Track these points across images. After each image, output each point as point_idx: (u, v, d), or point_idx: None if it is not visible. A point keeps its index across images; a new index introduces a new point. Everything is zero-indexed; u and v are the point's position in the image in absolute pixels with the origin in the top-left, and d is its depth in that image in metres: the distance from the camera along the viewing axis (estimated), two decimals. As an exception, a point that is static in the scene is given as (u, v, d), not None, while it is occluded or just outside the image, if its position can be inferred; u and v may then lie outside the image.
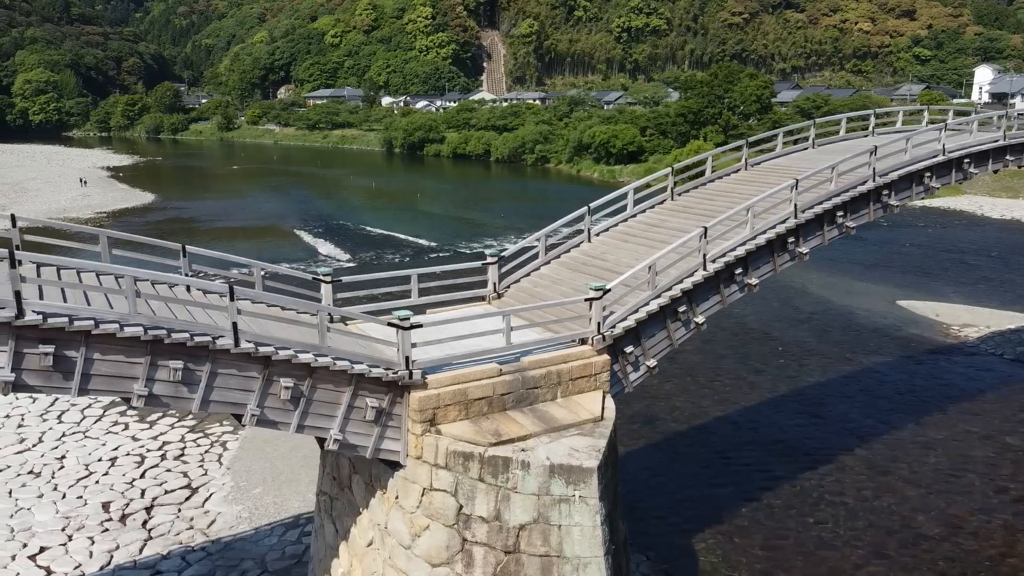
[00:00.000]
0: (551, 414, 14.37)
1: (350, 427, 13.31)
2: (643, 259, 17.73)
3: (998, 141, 22.87)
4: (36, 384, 10.88)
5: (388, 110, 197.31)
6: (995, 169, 23.29)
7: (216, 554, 21.30)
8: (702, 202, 20.14)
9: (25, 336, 10.63)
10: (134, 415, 30.73)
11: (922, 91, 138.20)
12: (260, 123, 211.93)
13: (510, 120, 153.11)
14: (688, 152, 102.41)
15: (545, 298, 17.82)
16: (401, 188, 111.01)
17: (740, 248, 16.97)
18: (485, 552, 13.21)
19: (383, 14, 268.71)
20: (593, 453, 13.14)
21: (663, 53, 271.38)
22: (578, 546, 12.97)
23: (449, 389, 13.76)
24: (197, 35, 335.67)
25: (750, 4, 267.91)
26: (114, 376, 11.37)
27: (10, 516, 23.24)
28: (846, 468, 26.28)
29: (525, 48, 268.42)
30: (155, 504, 24.05)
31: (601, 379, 15.32)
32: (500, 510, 13.09)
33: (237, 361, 12.15)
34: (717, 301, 17.16)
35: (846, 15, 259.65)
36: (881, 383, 33.85)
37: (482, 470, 13.09)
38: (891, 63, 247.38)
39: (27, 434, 28.92)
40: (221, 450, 27.82)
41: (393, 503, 14.28)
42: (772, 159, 22.58)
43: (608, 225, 20.19)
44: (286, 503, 23.81)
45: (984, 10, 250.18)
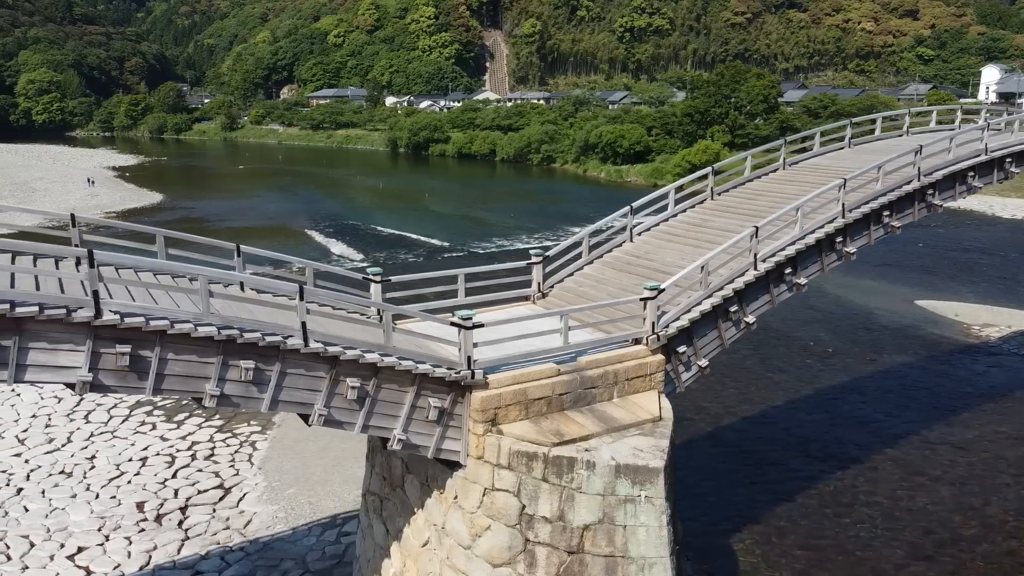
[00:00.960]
0: (609, 414, 14.35)
1: (412, 427, 13.29)
2: (689, 259, 17.75)
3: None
4: (112, 384, 10.87)
5: (392, 110, 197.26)
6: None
7: (255, 554, 21.28)
8: (743, 201, 20.13)
9: (102, 336, 10.61)
10: (161, 415, 30.74)
11: (929, 91, 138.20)
12: (264, 123, 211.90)
13: (515, 120, 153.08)
14: (697, 152, 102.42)
15: (591, 298, 17.81)
16: (408, 188, 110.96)
17: (790, 247, 16.97)
18: (548, 552, 13.20)
19: (386, 14, 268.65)
20: (658, 453, 13.13)
21: (666, 53, 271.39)
22: (644, 546, 12.95)
23: (510, 389, 13.74)
24: (199, 35, 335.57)
25: (753, 4, 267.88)
26: (187, 376, 11.36)
27: (45, 516, 23.23)
28: (878, 468, 26.26)
29: (528, 48, 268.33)
30: (189, 504, 24.04)
31: (656, 379, 15.31)
32: (564, 510, 13.07)
33: (305, 361, 12.14)
34: (767, 300, 17.15)
35: (849, 15, 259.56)
36: (906, 383, 33.83)
37: (546, 470, 13.07)
38: (894, 63, 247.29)
39: (56, 434, 28.90)
40: (251, 450, 27.80)
41: (451, 503, 14.26)
42: (810, 159, 22.57)
43: (649, 224, 20.16)
44: (321, 503, 23.79)
45: (987, 10, 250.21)
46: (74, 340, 10.48)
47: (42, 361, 10.37)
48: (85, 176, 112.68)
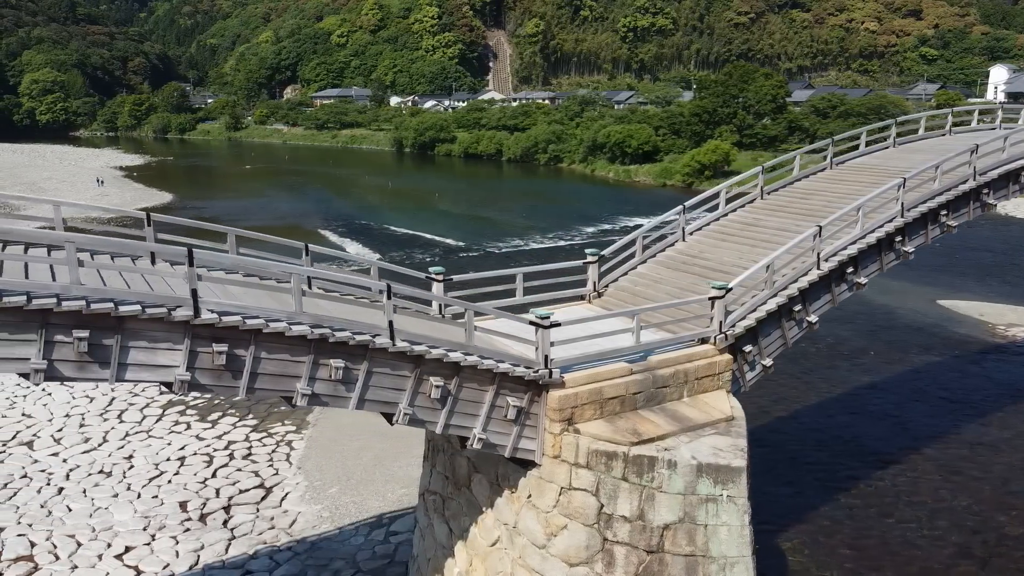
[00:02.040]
0: (682, 413, 14.35)
1: (491, 426, 13.30)
2: (747, 258, 17.76)
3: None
4: (208, 383, 10.87)
5: (397, 110, 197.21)
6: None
7: (303, 553, 21.27)
8: (795, 201, 20.13)
9: (199, 335, 10.60)
10: (194, 415, 30.74)
11: (938, 90, 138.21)
12: (268, 123, 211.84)
13: (521, 120, 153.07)
14: (706, 152, 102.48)
15: (648, 297, 17.81)
16: (417, 187, 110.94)
17: (852, 247, 16.97)
18: (627, 552, 13.19)
19: (389, 14, 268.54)
20: (738, 452, 13.13)
21: (669, 53, 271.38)
22: (725, 546, 12.95)
23: (586, 388, 13.75)
24: (201, 35, 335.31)
25: (756, 4, 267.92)
26: (279, 375, 11.36)
27: (89, 516, 23.22)
28: (916, 468, 26.25)
29: (531, 48, 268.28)
30: (232, 503, 24.03)
31: (724, 378, 15.32)
32: (644, 509, 13.07)
33: (391, 360, 12.14)
34: (828, 300, 17.17)
35: (852, 14, 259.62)
36: (936, 383, 33.84)
37: (626, 469, 13.07)
38: (897, 63, 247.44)
39: (91, 433, 28.90)
40: (288, 449, 27.80)
41: (524, 502, 14.25)
42: (855, 158, 22.57)
43: (701, 224, 20.15)
44: (365, 503, 23.78)
45: (990, 10, 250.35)
46: (172, 339, 10.48)
47: (141, 360, 10.36)
48: (94, 176, 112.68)
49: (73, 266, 9.77)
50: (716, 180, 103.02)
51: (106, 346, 10.06)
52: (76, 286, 9.77)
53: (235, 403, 31.83)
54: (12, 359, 9.62)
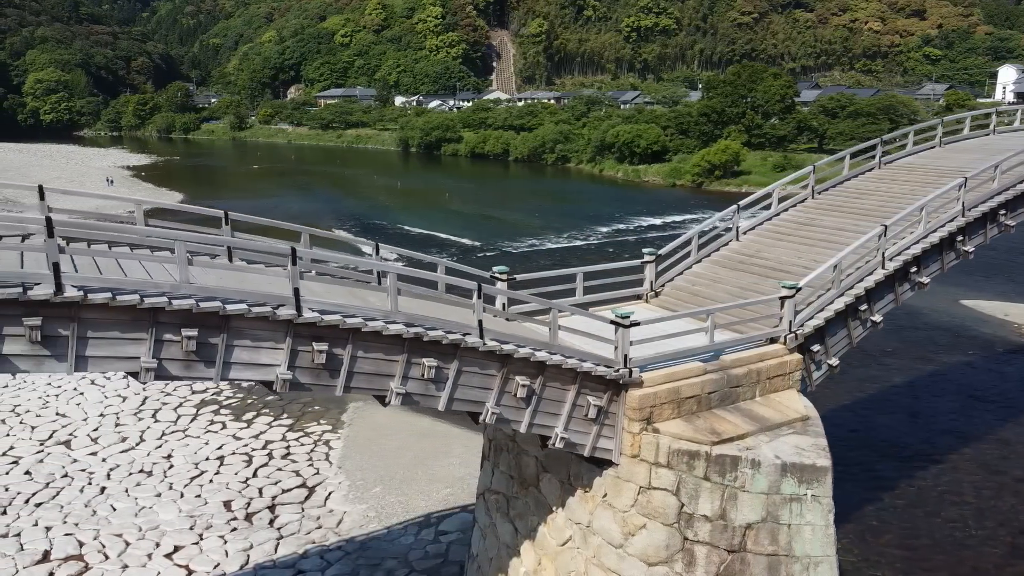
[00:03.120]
0: (757, 412, 14.35)
1: (572, 425, 13.28)
2: (806, 257, 17.77)
3: None
4: (307, 382, 10.86)
5: (402, 110, 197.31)
6: None
7: (354, 553, 21.26)
8: (849, 200, 20.12)
9: (300, 334, 10.59)
10: (228, 414, 30.73)
11: (947, 91, 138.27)
12: (272, 123, 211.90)
13: (527, 120, 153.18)
14: (716, 152, 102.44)
15: (707, 297, 17.81)
16: (426, 187, 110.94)
17: (915, 246, 16.97)
18: (708, 551, 13.18)
19: (393, 13, 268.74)
20: (822, 452, 13.13)
21: (673, 53, 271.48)
22: (809, 545, 12.94)
23: (664, 387, 13.73)
24: (204, 35, 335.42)
25: (759, 3, 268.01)
26: (374, 374, 11.35)
27: (134, 515, 23.21)
28: (958, 468, 26.25)
29: (535, 48, 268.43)
30: (276, 503, 24.02)
31: (794, 377, 15.32)
32: (726, 509, 13.05)
33: (480, 359, 12.13)
34: (891, 300, 17.17)
35: (856, 14, 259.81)
36: (967, 383, 33.84)
37: (708, 469, 13.05)
38: (901, 63, 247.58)
39: (127, 433, 28.88)
40: (326, 449, 27.78)
41: (599, 502, 14.24)
42: (902, 158, 22.56)
43: (754, 224, 20.13)
44: (411, 503, 23.76)
45: (994, 10, 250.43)
46: (275, 338, 10.47)
47: (245, 359, 10.35)
48: (103, 176, 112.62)
49: (183, 265, 9.75)
50: (726, 180, 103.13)
51: (212, 345, 10.05)
52: (185, 285, 9.76)
53: (268, 402, 31.83)
54: (122, 358, 9.60)
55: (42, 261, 9.10)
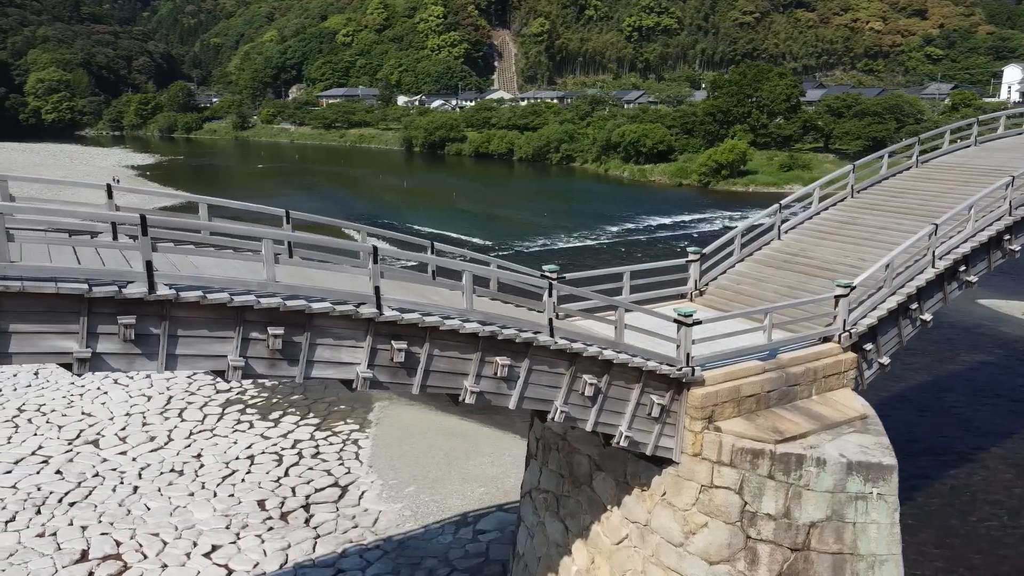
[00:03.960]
0: (816, 411, 14.35)
1: (635, 424, 13.28)
2: (852, 256, 17.80)
3: None
4: (385, 381, 10.86)
5: (404, 109, 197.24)
6: None
7: (392, 552, 21.26)
8: (889, 199, 20.14)
9: (380, 333, 10.58)
10: (255, 413, 30.73)
11: (952, 90, 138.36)
12: (275, 122, 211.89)
13: (531, 119, 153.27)
14: (723, 151, 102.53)
15: (754, 296, 17.82)
16: (433, 187, 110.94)
17: (965, 245, 17.01)
18: (771, 549, 13.18)
19: (394, 13, 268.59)
20: (886, 450, 13.14)
21: (674, 52, 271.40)
22: (874, 543, 12.95)
23: (725, 386, 13.74)
24: (205, 34, 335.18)
25: (761, 3, 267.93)
26: (449, 373, 11.35)
27: (169, 514, 23.19)
28: (988, 467, 26.28)
29: (536, 47, 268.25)
30: (310, 502, 24.01)
31: (848, 376, 15.34)
32: (790, 507, 13.06)
33: (549, 358, 12.13)
34: (940, 298, 17.21)
35: (857, 14, 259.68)
36: (990, 381, 33.88)
37: (772, 467, 13.06)
38: (902, 62, 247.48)
39: (155, 432, 28.87)
40: (355, 448, 27.77)
41: (658, 500, 14.24)
42: (938, 157, 22.59)
43: (795, 222, 20.13)
44: (446, 502, 23.75)
45: (995, 10, 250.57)
46: (355, 336, 10.47)
47: (327, 357, 10.35)
48: (109, 175, 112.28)
49: (270, 263, 9.75)
50: (733, 180, 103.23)
51: (296, 343, 10.04)
52: (271, 283, 9.75)
53: (294, 402, 31.84)
54: (209, 356, 9.59)
55: (101, 257, 9.13)
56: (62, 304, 8.58)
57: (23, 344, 8.52)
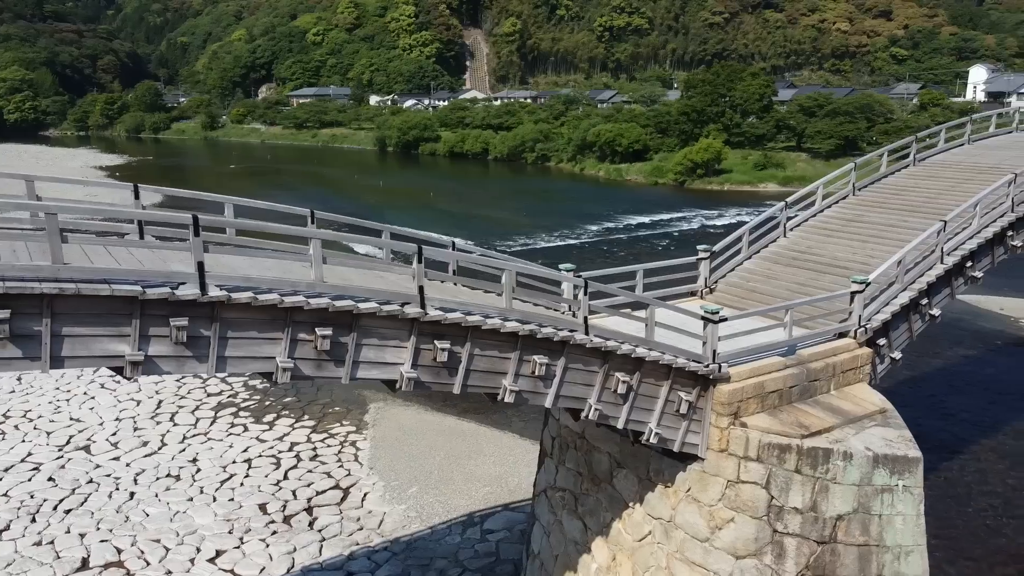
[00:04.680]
0: (836, 405, 14.55)
1: (664, 421, 13.36)
2: (860, 253, 18.08)
3: None
4: (427, 381, 10.80)
5: (377, 109, 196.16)
6: None
7: (401, 553, 21.16)
8: (891, 197, 20.48)
9: (423, 332, 10.53)
10: (248, 416, 30.40)
11: (920, 90, 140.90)
12: (245, 122, 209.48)
13: (506, 119, 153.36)
14: (699, 150, 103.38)
15: (765, 293, 18.01)
16: (409, 186, 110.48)
17: (971, 241, 17.35)
18: (798, 543, 13.34)
19: (365, 12, 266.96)
20: (910, 443, 13.37)
21: (645, 52, 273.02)
22: (900, 535, 13.16)
23: (750, 382, 13.87)
24: (172, 33, 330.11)
25: (730, 4, 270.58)
26: (488, 372, 11.33)
27: (169, 520, 22.87)
28: (980, 458, 26.82)
29: (508, 47, 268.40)
30: (312, 505, 23.82)
31: (864, 371, 15.57)
32: (817, 501, 13.22)
33: (584, 356, 12.16)
34: (947, 294, 17.54)
35: (824, 15, 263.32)
36: (974, 375, 34.59)
37: (799, 462, 13.21)
38: (869, 63, 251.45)
39: (147, 436, 28.44)
40: (354, 450, 27.60)
41: (683, 496, 14.34)
42: (935, 155, 23.00)
43: (800, 220, 20.38)
44: (451, 502, 23.68)
45: (958, 11, 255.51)
46: (399, 336, 10.40)
47: (371, 358, 10.27)
48: (78, 176, 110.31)
49: (318, 263, 9.66)
50: (708, 179, 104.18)
51: (342, 344, 9.96)
52: (320, 283, 9.67)
53: (287, 404, 31.56)
54: (258, 358, 9.48)
55: (135, 258, 9.02)
56: (115, 306, 8.43)
57: (76, 348, 8.35)
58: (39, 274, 8.03)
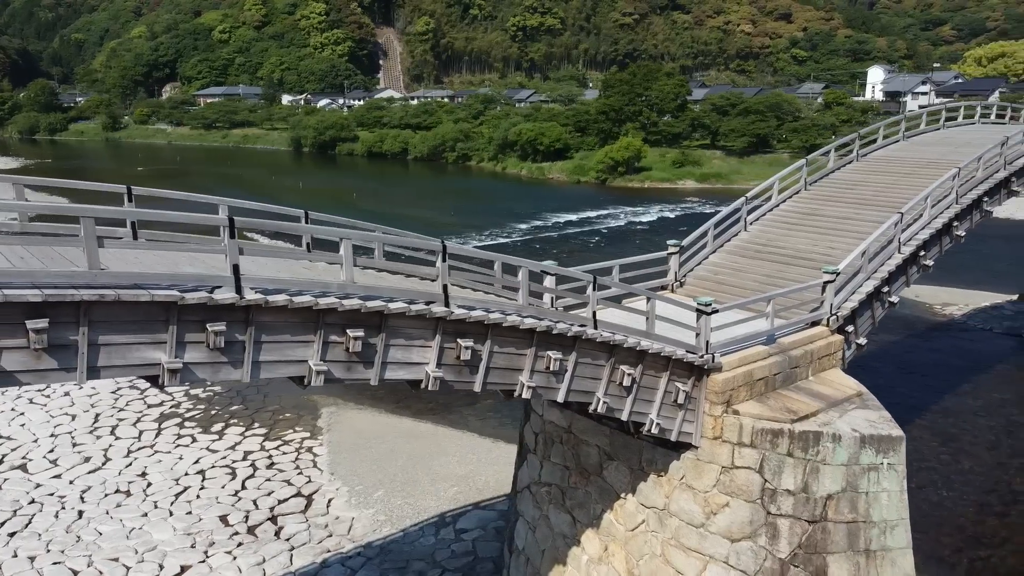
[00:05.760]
0: (817, 390, 15.21)
1: (663, 411, 13.68)
2: (819, 244, 18.96)
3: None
4: (450, 379, 10.76)
5: (291, 108, 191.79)
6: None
7: (376, 558, 20.90)
8: (841, 191, 21.47)
9: (447, 331, 10.50)
10: (194, 426, 29.39)
11: (824, 89, 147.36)
12: (150, 122, 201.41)
13: (424, 118, 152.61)
14: (619, 148, 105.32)
15: (734, 285, 18.63)
16: (330, 187, 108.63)
17: (923, 232, 18.39)
18: (791, 523, 13.89)
19: (274, 9, 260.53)
20: (892, 423, 14.10)
21: (559, 52, 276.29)
22: (886, 510, 13.87)
23: (740, 371, 14.36)
24: (65, 29, 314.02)
25: (640, 5, 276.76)
26: (506, 369, 11.38)
27: (126, 537, 21.94)
28: (913, 436, 28.12)
29: (422, 46, 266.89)
30: (276, 514, 23.24)
31: (837, 357, 16.33)
32: (808, 482, 13.80)
33: (593, 350, 12.34)
34: (904, 281, 18.54)
35: (729, 17, 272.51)
36: (900, 359, 36.52)
37: (791, 445, 13.76)
38: (771, 63, 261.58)
39: (89, 452, 27.16)
40: (312, 456, 27.05)
41: (677, 484, 14.72)
42: (875, 151, 24.23)
43: (758, 215, 21.14)
44: (419, 504, 23.51)
45: (852, 14, 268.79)
46: (425, 336, 10.34)
47: (399, 358, 10.17)
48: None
49: (349, 264, 9.52)
50: (629, 177, 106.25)
51: (372, 345, 9.82)
52: (350, 284, 9.53)
53: (234, 412, 30.66)
54: (291, 362, 9.26)
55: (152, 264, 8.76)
56: (151, 312, 8.11)
57: (112, 357, 7.99)
58: (75, 280, 7.65)
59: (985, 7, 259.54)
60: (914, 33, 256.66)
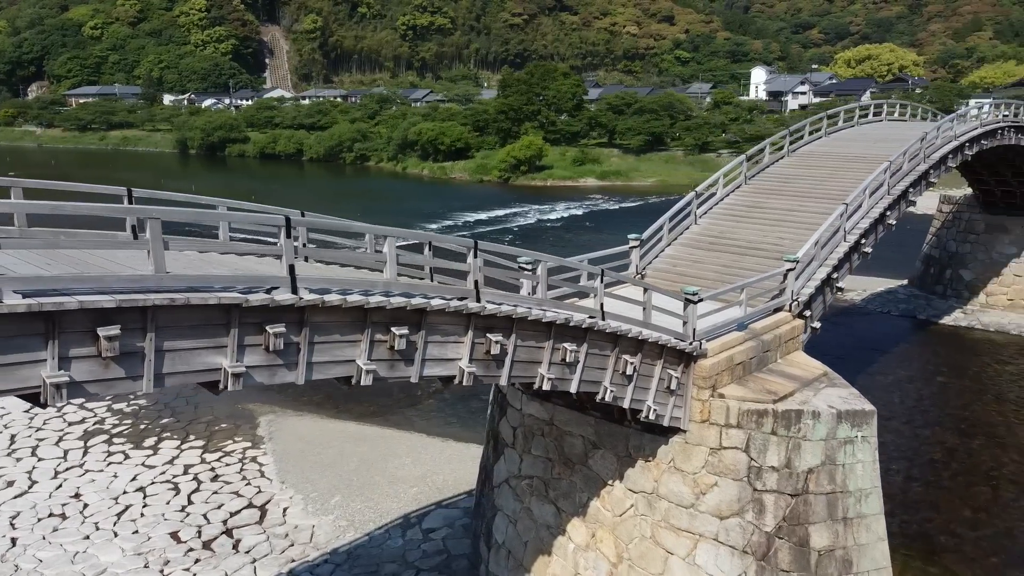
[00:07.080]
0: (789, 372, 16.12)
1: (657, 398, 14.19)
2: (772, 236, 20.06)
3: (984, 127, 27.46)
4: (479, 374, 10.86)
5: (174, 109, 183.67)
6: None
7: (344, 564, 20.57)
8: (781, 185, 22.71)
9: (478, 326, 10.61)
10: (124, 442, 27.98)
11: (712, 89, 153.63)
12: (16, 124, 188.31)
13: (318, 118, 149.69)
14: (521, 147, 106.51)
15: (694, 275, 19.43)
16: (224, 190, 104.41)
17: (864, 221, 19.72)
18: (776, 498, 14.70)
19: (150, 5, 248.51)
20: (861, 399, 15.12)
21: (450, 51, 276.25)
22: (860, 480, 14.88)
23: (722, 356, 15.06)
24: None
25: (528, 6, 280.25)
26: (527, 362, 11.56)
27: (70, 562, 20.72)
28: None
29: (310, 44, 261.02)
30: (230, 527, 22.47)
31: (800, 340, 17.35)
32: (791, 458, 14.64)
33: (600, 341, 12.69)
34: (848, 267, 19.81)
35: (615, 18, 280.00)
36: (813, 341, 38.74)
37: (775, 424, 14.55)
38: (656, 64, 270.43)
39: (11, 476, 25.39)
40: (257, 466, 26.25)
41: (665, 468, 15.28)
42: (803, 147, 25.72)
43: (706, 209, 22.07)
44: (380, 506, 23.25)
45: (730, 18, 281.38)
46: (458, 332, 10.40)
47: (436, 355, 10.19)
48: None
49: (392, 263, 9.50)
50: (531, 175, 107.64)
51: (412, 343, 9.81)
52: (394, 282, 9.51)
53: (166, 425, 29.36)
54: (340, 362, 9.14)
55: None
56: (212, 315, 7.87)
57: (176, 363, 7.70)
58: (143, 284, 7.36)
59: (848, 12, 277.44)
60: (786, 36, 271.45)
